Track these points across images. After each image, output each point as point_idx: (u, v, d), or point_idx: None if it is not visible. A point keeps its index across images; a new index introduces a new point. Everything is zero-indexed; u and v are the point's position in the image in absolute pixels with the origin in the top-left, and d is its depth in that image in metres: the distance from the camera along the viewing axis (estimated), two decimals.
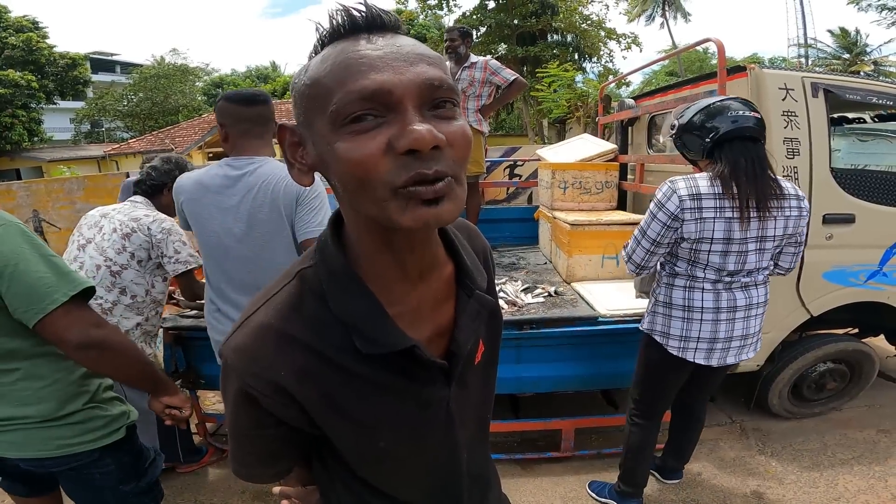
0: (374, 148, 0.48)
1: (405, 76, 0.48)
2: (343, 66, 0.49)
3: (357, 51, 0.49)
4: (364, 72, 0.48)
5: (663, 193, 1.72)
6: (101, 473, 1.36)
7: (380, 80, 0.48)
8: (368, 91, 0.48)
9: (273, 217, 1.66)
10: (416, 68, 0.49)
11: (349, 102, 0.48)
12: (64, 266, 1.19)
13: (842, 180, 2.43)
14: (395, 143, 0.48)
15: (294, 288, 0.62)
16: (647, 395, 2.06)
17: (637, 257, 1.82)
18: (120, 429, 1.36)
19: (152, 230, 2.09)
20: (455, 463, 0.75)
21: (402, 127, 0.48)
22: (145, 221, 2.10)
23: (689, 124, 1.76)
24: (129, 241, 2.07)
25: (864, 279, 2.53)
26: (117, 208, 2.19)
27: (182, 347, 2.44)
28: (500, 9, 16.52)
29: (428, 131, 0.47)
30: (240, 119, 1.70)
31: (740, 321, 1.79)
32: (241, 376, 0.60)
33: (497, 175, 5.12)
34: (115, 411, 1.36)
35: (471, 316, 0.67)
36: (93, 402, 1.31)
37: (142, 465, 1.49)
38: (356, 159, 0.48)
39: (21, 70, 20.33)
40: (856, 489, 2.36)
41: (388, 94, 0.48)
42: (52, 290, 1.13)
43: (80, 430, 1.28)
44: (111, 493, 1.40)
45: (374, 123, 0.49)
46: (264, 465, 0.73)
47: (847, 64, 23.71)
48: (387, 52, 0.49)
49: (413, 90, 0.49)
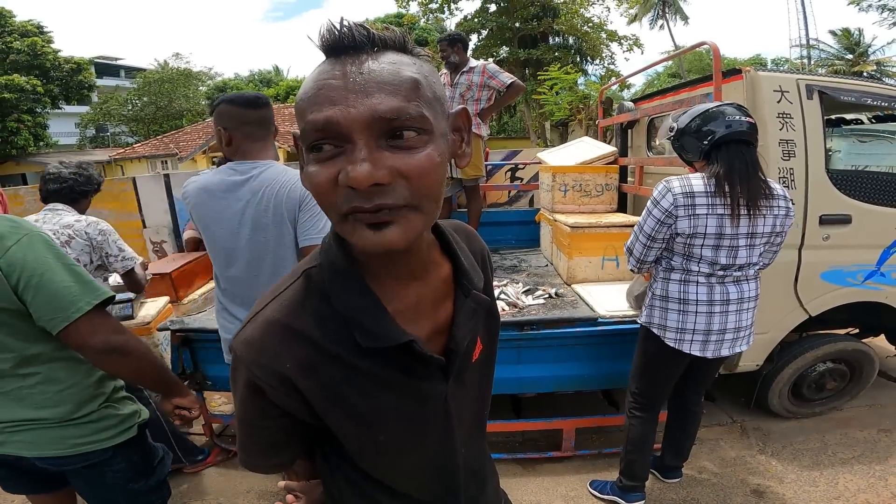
0: (325, 177, 0.52)
1: (355, 109, 0.49)
2: (312, 94, 0.52)
3: (325, 80, 0.51)
4: (321, 103, 0.50)
5: (659, 191, 1.83)
6: (113, 472, 1.39)
7: (329, 114, 0.50)
8: (320, 123, 0.50)
9: (276, 221, 1.67)
10: (371, 100, 0.50)
11: (309, 131, 0.52)
12: (86, 275, 1.23)
13: (838, 181, 2.45)
14: (340, 177, 0.51)
15: (300, 286, 0.66)
16: (646, 387, 2.11)
17: (636, 251, 1.93)
18: (132, 427, 1.40)
19: (90, 234, 2.14)
20: (452, 457, 0.78)
21: (348, 162, 0.51)
22: (80, 227, 2.14)
23: (688, 128, 1.86)
24: (71, 248, 2.09)
25: (861, 279, 2.55)
26: (40, 220, 2.16)
27: (189, 349, 2.47)
28: (502, 12, 16.56)
29: (366, 172, 0.49)
30: (243, 122, 1.70)
31: (733, 314, 1.88)
32: (249, 367, 0.64)
33: (498, 178, 5.13)
34: (126, 411, 1.40)
35: (468, 314, 0.71)
36: (107, 403, 1.35)
37: (151, 463, 1.52)
38: (314, 184, 0.53)
39: (26, 74, 20.45)
40: (856, 488, 2.37)
41: (336, 126, 0.50)
42: (77, 299, 1.17)
43: (94, 430, 1.31)
44: (121, 492, 1.43)
45: (333, 153, 0.52)
46: (268, 456, 0.76)
47: (850, 64, 23.65)
48: (349, 82, 0.50)
49: (362, 123, 0.50)
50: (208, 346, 2.46)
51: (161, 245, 6.09)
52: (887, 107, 2.64)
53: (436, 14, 17.37)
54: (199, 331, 2.46)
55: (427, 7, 16.93)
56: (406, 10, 18.14)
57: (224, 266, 1.81)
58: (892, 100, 2.50)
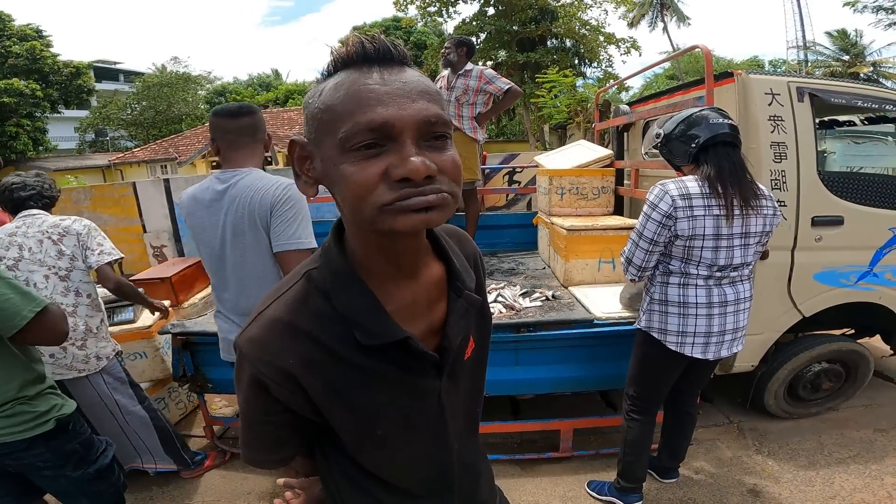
0: (374, 172, 0.56)
1: (407, 112, 0.55)
2: (354, 98, 0.56)
3: (367, 84, 0.56)
4: (372, 105, 0.55)
5: (655, 195, 1.85)
6: (41, 460, 1.58)
7: (385, 115, 0.55)
8: (375, 124, 0.55)
9: (251, 227, 1.72)
10: (417, 105, 0.56)
11: (357, 132, 0.55)
12: (23, 287, 1.43)
13: (830, 183, 2.48)
14: (393, 171, 0.55)
15: (301, 286, 0.69)
16: (644, 390, 2.13)
17: (637, 259, 1.92)
18: (48, 421, 1.55)
19: (77, 228, 2.21)
20: (446, 452, 0.81)
21: (400, 157, 0.55)
22: (67, 223, 2.21)
23: (673, 133, 1.91)
24: (64, 244, 2.17)
25: (854, 280, 2.57)
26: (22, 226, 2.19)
27: (190, 352, 2.49)
28: (500, 15, 16.58)
29: (422, 163, 0.55)
30: (226, 131, 1.76)
31: (731, 315, 1.90)
32: (253, 364, 0.67)
33: (496, 182, 5.17)
34: (43, 408, 1.55)
35: (460, 314, 0.75)
36: (22, 401, 1.51)
37: (91, 453, 1.72)
38: (357, 181, 0.56)
39: (25, 79, 20.47)
40: (852, 487, 2.38)
41: (390, 127, 0.55)
42: (20, 308, 1.38)
43: (9, 424, 1.49)
44: (65, 480, 1.65)
45: (376, 152, 0.56)
46: (270, 452, 0.80)
47: (847, 66, 23.71)
48: (393, 88, 0.56)
49: (412, 125, 0.56)
50: (209, 349, 2.48)
51: (161, 250, 6.12)
52: (878, 109, 2.67)
53: (434, 17, 17.40)
54: (200, 334, 2.48)
55: (425, 10, 16.97)
56: (404, 14, 18.17)
57: (214, 273, 1.88)
58: (883, 101, 2.53)
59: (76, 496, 1.71)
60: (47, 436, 1.55)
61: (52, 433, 1.56)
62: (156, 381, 2.97)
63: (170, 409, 3.09)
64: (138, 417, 2.36)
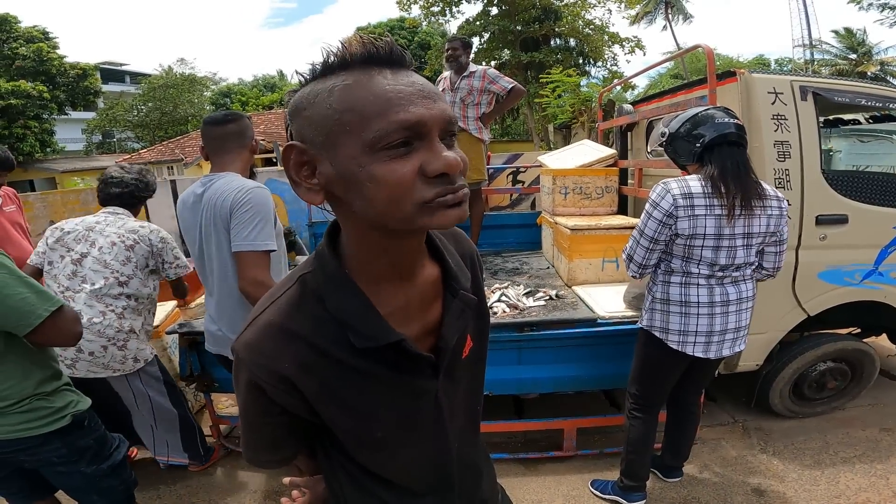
0: (409, 171, 0.56)
1: (434, 111, 0.57)
2: (383, 98, 0.56)
3: (394, 85, 0.57)
4: (404, 105, 0.56)
5: (657, 194, 1.85)
6: (56, 456, 1.60)
7: (418, 114, 0.56)
8: (410, 122, 0.55)
9: (216, 229, 1.81)
10: (439, 105, 0.58)
11: (392, 131, 0.55)
12: (39, 286, 1.45)
13: (834, 182, 2.47)
14: (428, 167, 0.56)
15: (295, 290, 0.70)
16: (646, 389, 2.14)
17: (638, 256, 1.93)
18: (64, 417, 1.58)
19: (153, 240, 2.27)
20: (446, 450, 0.82)
21: (432, 154, 0.57)
22: (144, 233, 2.26)
23: (678, 133, 1.91)
24: (134, 252, 2.22)
25: (859, 279, 2.56)
26: (102, 222, 2.28)
27: (197, 352, 2.52)
28: (503, 15, 16.56)
29: (455, 157, 0.58)
30: (211, 138, 1.91)
31: (733, 314, 1.90)
32: (250, 368, 0.68)
33: (500, 182, 5.17)
34: (59, 403, 1.58)
35: (455, 314, 0.75)
36: (39, 397, 1.53)
37: (105, 449, 1.74)
38: (394, 180, 0.56)
39: (32, 80, 20.59)
40: (857, 487, 2.37)
41: (422, 125, 0.56)
42: (36, 307, 1.40)
43: (25, 419, 1.51)
44: (79, 475, 1.67)
45: (406, 150, 0.57)
46: (271, 451, 0.81)
47: (853, 65, 23.54)
48: (417, 90, 0.58)
49: (440, 123, 0.58)
50: None
51: None
52: (883, 107, 2.67)
53: (437, 17, 17.40)
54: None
55: (429, 10, 16.97)
56: (408, 14, 18.20)
57: (200, 272, 2.02)
58: (887, 100, 2.53)
59: (88, 492, 1.73)
60: (63, 431, 1.57)
61: (68, 429, 1.58)
62: None
63: None
64: (167, 413, 2.42)
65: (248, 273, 1.71)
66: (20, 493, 1.71)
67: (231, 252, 1.78)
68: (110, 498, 1.77)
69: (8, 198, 3.13)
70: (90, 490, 1.72)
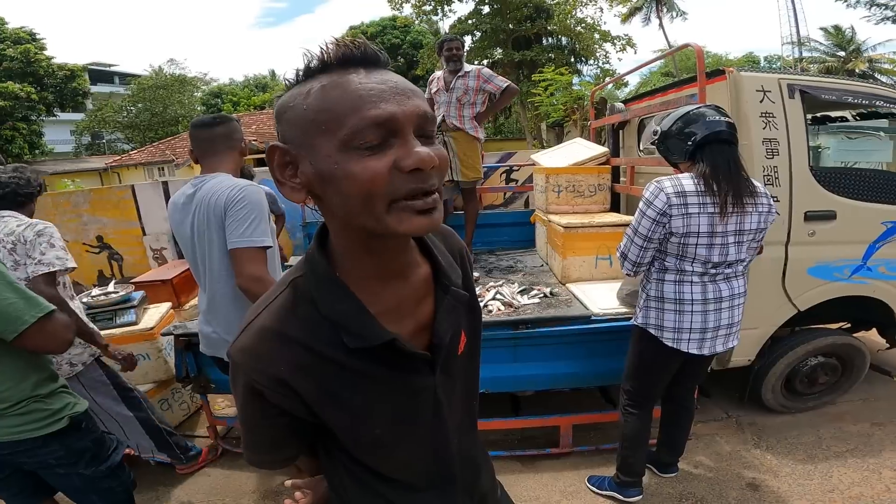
0: (382, 166, 0.57)
1: (407, 107, 0.58)
2: (355, 96, 0.57)
3: (365, 83, 0.58)
4: (375, 102, 0.56)
5: (651, 192, 1.86)
6: (54, 458, 1.60)
7: (390, 110, 0.57)
8: (381, 118, 0.56)
9: (212, 228, 1.81)
10: (413, 101, 0.59)
11: (364, 128, 0.56)
12: (28, 292, 1.43)
13: (822, 178, 2.50)
14: (402, 162, 0.57)
15: (288, 295, 0.70)
16: (641, 385, 2.16)
17: (632, 255, 1.95)
18: (61, 419, 1.58)
19: (25, 235, 2.05)
20: (446, 446, 0.83)
21: (406, 150, 0.58)
22: (19, 230, 2.06)
23: (670, 131, 1.92)
24: (17, 254, 2.04)
25: (848, 274, 2.59)
26: None
27: (192, 353, 2.50)
28: (495, 13, 16.56)
29: (428, 153, 0.58)
30: (199, 141, 1.92)
31: (726, 311, 1.93)
32: (247, 373, 0.69)
33: (494, 180, 5.19)
34: (57, 406, 1.58)
35: (447, 310, 0.76)
36: (36, 399, 1.53)
37: (103, 451, 1.75)
38: (367, 176, 0.57)
39: (20, 82, 20.33)
40: (850, 481, 2.40)
41: (395, 121, 0.57)
42: (22, 314, 1.38)
43: (23, 421, 1.51)
44: (78, 477, 1.67)
45: (381, 147, 0.57)
46: (271, 452, 0.82)
47: (842, 62, 23.74)
48: (390, 87, 0.58)
49: (413, 119, 0.58)
50: None
51: (161, 252, 6.13)
52: (869, 104, 2.70)
53: (429, 16, 17.38)
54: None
55: (420, 9, 16.94)
56: (399, 12, 18.15)
57: (193, 272, 2.03)
58: (873, 97, 2.56)
59: (87, 493, 1.73)
60: (61, 433, 1.58)
61: (66, 431, 1.59)
62: (159, 382, 2.99)
63: (173, 409, 3.11)
64: (124, 417, 2.41)
65: (245, 270, 1.71)
66: (20, 495, 1.70)
67: (225, 250, 1.78)
68: (109, 499, 1.77)
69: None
70: (89, 491, 1.72)
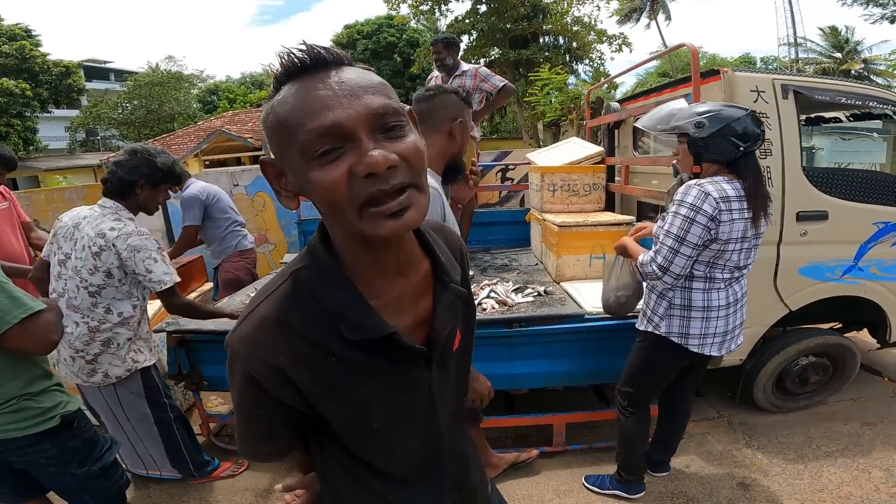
0: (338, 175, 0.57)
1: (354, 109, 0.57)
2: (301, 107, 0.57)
3: (310, 92, 0.58)
4: (317, 111, 0.56)
5: (695, 197, 1.76)
6: (45, 457, 1.58)
7: (332, 117, 0.56)
8: (325, 128, 0.56)
9: None
10: (363, 101, 0.58)
11: (311, 139, 0.57)
12: (15, 291, 1.41)
13: (814, 179, 2.51)
14: (356, 168, 0.57)
15: (289, 285, 0.71)
16: (643, 388, 2.16)
17: (677, 267, 1.81)
18: (53, 417, 1.56)
19: (118, 247, 1.97)
20: (438, 440, 0.84)
21: (359, 155, 0.57)
22: (111, 237, 1.96)
23: (727, 129, 1.77)
24: (100, 261, 1.97)
25: (840, 274, 2.60)
26: (88, 218, 2.04)
27: (185, 350, 2.50)
28: (492, 12, 16.53)
29: (381, 155, 0.56)
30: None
31: (739, 311, 1.97)
32: (245, 361, 0.69)
33: (489, 179, 5.20)
34: (48, 404, 1.56)
35: (446, 306, 0.77)
36: (27, 397, 1.52)
37: (95, 450, 1.72)
38: (325, 186, 0.58)
39: (15, 78, 20.27)
40: (839, 481, 2.41)
41: (340, 127, 0.56)
42: (5, 313, 1.36)
43: (13, 419, 1.49)
44: (70, 476, 1.66)
45: (336, 154, 0.57)
46: (265, 444, 0.82)
47: (838, 63, 23.84)
48: (338, 90, 0.57)
49: (362, 121, 0.57)
50: (204, 346, 2.50)
51: None
52: (862, 105, 2.71)
53: (426, 15, 17.34)
54: (195, 332, 2.49)
55: (417, 9, 16.90)
56: (396, 12, 18.10)
57: None
58: (866, 98, 2.57)
59: (80, 493, 1.71)
60: (52, 432, 1.55)
61: (58, 430, 1.56)
62: None
63: None
64: (147, 429, 2.27)
65: None
66: (12, 493, 1.69)
67: None
68: (102, 499, 1.76)
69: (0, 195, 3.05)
70: (82, 491, 1.71)
